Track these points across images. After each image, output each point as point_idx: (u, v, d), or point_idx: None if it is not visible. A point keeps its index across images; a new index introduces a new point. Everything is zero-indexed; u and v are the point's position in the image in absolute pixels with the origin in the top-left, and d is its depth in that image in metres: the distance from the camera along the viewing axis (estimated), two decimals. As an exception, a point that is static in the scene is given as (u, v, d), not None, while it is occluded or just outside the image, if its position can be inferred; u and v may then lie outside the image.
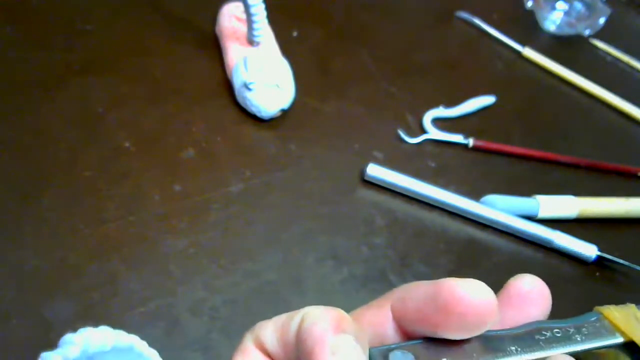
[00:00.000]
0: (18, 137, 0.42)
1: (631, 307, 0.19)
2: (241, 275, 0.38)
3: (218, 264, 0.38)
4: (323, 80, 0.53)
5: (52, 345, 0.24)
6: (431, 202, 0.45)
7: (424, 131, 0.50)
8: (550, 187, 0.48)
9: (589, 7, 0.66)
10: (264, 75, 0.45)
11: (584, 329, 0.18)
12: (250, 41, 0.48)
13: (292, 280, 0.39)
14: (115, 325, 0.34)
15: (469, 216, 0.45)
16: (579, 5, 0.66)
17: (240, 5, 0.49)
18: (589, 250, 0.43)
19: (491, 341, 0.17)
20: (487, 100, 0.54)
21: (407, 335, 0.19)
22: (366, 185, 0.45)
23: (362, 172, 0.45)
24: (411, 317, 0.18)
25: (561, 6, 0.66)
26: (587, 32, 0.66)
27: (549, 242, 0.44)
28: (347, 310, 0.19)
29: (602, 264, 0.44)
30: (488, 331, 0.17)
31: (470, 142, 0.50)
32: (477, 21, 0.64)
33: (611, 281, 0.44)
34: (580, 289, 0.43)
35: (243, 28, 0.49)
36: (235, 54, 0.48)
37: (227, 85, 0.49)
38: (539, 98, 0.59)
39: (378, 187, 0.45)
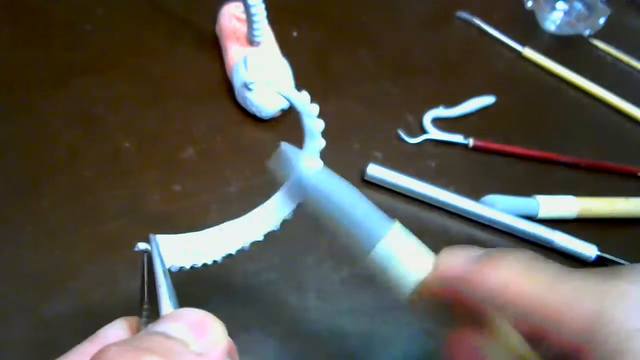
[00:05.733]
0: (18, 137, 0.42)
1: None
2: (241, 276, 0.38)
3: (218, 264, 0.38)
4: (323, 80, 0.53)
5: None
6: (431, 202, 0.45)
7: (424, 131, 0.50)
8: (550, 187, 0.48)
9: (589, 7, 0.66)
10: (264, 75, 0.45)
11: None
12: (250, 41, 0.48)
13: (292, 280, 0.39)
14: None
15: (469, 216, 0.45)
16: (579, 5, 0.66)
17: (240, 5, 0.49)
18: (589, 250, 0.43)
19: None
20: (487, 100, 0.54)
21: None
22: (366, 185, 0.45)
23: (362, 172, 0.45)
24: None
25: (561, 6, 0.66)
26: (587, 32, 0.66)
27: (549, 242, 0.44)
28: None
29: (602, 264, 0.44)
30: None
31: (470, 142, 0.50)
32: (477, 21, 0.64)
33: (611, 281, 0.44)
34: (580, 289, 0.43)
35: (243, 28, 0.49)
36: (235, 54, 0.48)
37: (227, 85, 0.49)
38: (539, 98, 0.59)
39: (378, 187, 0.45)
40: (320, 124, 0.27)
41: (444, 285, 0.21)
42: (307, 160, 0.26)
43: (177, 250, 0.26)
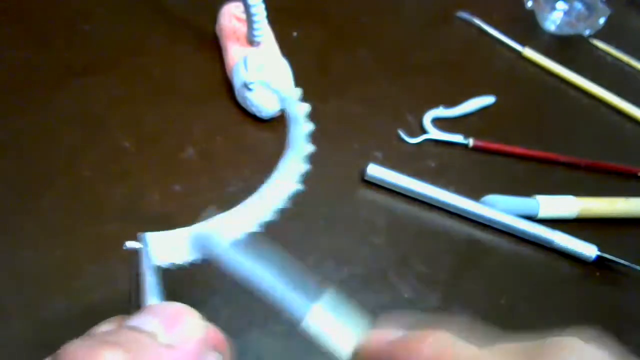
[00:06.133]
0: (18, 137, 0.42)
1: None
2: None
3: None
4: (323, 80, 0.53)
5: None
6: (431, 202, 0.45)
7: (424, 131, 0.50)
8: (550, 187, 0.48)
9: (589, 7, 0.66)
10: (264, 75, 0.45)
11: None
12: (250, 41, 0.48)
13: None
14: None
15: (469, 216, 0.45)
16: (579, 5, 0.66)
17: (240, 5, 0.49)
18: (589, 250, 0.43)
19: None
20: (487, 100, 0.54)
21: None
22: (366, 185, 0.45)
23: (362, 172, 0.45)
24: None
25: (561, 6, 0.66)
26: (587, 32, 0.66)
27: (549, 242, 0.44)
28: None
29: (602, 264, 0.44)
30: None
31: (470, 142, 0.50)
32: (477, 21, 0.64)
33: (611, 281, 0.44)
34: (580, 289, 0.43)
35: (243, 28, 0.49)
36: (235, 54, 0.48)
37: (227, 85, 0.49)
38: (539, 98, 0.59)
39: (378, 187, 0.45)
40: (304, 108, 0.26)
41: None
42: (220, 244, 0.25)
43: (169, 247, 0.26)
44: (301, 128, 0.27)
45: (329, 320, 0.23)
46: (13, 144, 0.42)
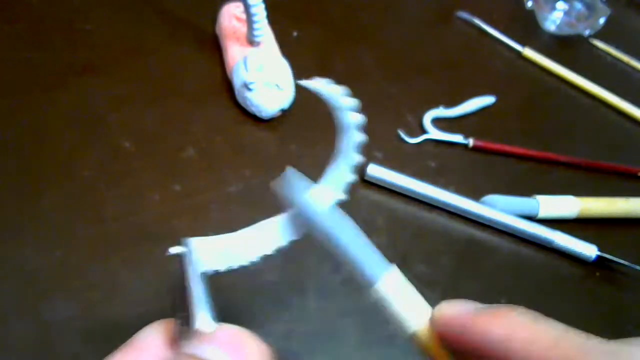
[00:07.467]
0: (18, 137, 0.42)
1: None
2: (241, 276, 0.38)
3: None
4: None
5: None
6: (431, 202, 0.45)
7: (424, 131, 0.50)
8: (550, 187, 0.48)
9: (589, 7, 0.66)
10: (264, 75, 0.45)
11: None
12: (250, 41, 0.48)
13: (292, 280, 0.39)
14: (115, 325, 0.34)
15: (469, 216, 0.45)
16: (579, 5, 0.66)
17: (240, 5, 0.49)
18: (589, 250, 0.43)
19: None
20: (487, 100, 0.54)
21: None
22: (366, 185, 0.45)
23: (362, 172, 0.45)
24: None
25: (561, 6, 0.66)
26: (587, 32, 0.66)
27: (549, 242, 0.44)
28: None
29: (602, 264, 0.44)
30: None
31: (470, 142, 0.50)
32: (477, 21, 0.64)
33: (611, 281, 0.44)
34: (580, 289, 0.43)
35: (243, 28, 0.49)
36: (235, 54, 0.48)
37: (227, 85, 0.49)
38: (539, 98, 0.59)
39: (378, 187, 0.45)
40: (356, 117, 0.26)
41: (446, 330, 0.21)
42: (312, 195, 0.25)
43: (213, 253, 0.25)
44: (354, 137, 0.27)
45: (402, 289, 0.23)
46: (13, 144, 0.42)
